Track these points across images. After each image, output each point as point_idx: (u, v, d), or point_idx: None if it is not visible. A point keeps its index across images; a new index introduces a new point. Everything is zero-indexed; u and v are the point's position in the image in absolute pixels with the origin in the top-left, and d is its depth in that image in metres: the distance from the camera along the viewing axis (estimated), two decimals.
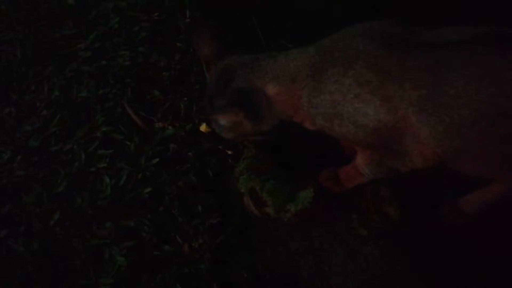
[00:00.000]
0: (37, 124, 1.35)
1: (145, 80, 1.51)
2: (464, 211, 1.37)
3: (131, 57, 1.52)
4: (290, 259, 1.30)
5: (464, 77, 1.01)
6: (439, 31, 1.09)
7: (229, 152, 1.46)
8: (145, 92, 1.49)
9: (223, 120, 1.21)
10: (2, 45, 1.51)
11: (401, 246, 1.33)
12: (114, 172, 1.29)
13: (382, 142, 1.13)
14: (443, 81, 1.02)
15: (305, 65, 1.13)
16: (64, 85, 1.44)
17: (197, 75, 1.56)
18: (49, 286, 1.12)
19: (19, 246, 1.15)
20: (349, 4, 1.77)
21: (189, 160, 1.39)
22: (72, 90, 1.43)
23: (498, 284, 1.29)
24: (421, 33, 1.10)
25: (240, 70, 1.17)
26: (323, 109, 1.12)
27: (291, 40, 1.73)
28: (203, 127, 1.47)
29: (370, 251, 1.32)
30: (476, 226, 1.36)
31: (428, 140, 1.07)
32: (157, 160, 1.33)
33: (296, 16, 1.77)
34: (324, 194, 1.35)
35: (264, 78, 1.15)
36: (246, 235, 1.33)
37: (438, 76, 1.02)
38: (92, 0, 1.63)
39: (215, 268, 1.23)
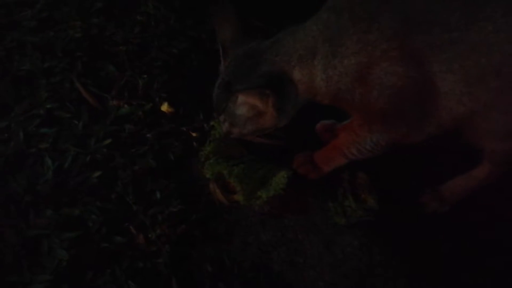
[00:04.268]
0: None
1: (98, 54, 1.38)
2: (445, 198, 1.30)
3: (83, 29, 1.39)
4: (261, 251, 1.20)
5: (503, 7, 0.93)
6: None
7: (194, 135, 1.33)
8: (98, 67, 1.36)
9: (244, 108, 1.07)
10: None
11: (381, 236, 1.26)
12: (58, 153, 1.15)
13: (402, 106, 1.03)
14: (479, 17, 0.94)
15: (320, 32, 1.01)
16: (3, 57, 1.28)
17: (159, 51, 1.43)
18: None
19: None
20: None
21: (147, 142, 1.26)
22: (13, 62, 1.27)
23: (481, 273, 1.22)
24: None
25: (268, 54, 1.04)
26: (346, 78, 1.01)
27: (264, 18, 1.64)
28: (164, 107, 1.34)
29: (348, 242, 1.24)
30: (458, 213, 1.30)
31: (460, 89, 0.98)
32: (109, 141, 1.20)
33: None
34: (298, 180, 1.26)
35: (290, 61, 1.03)
36: (211, 225, 1.21)
37: (472, 14, 0.94)
38: None
39: (175, 262, 1.10)
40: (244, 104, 1.06)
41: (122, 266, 1.05)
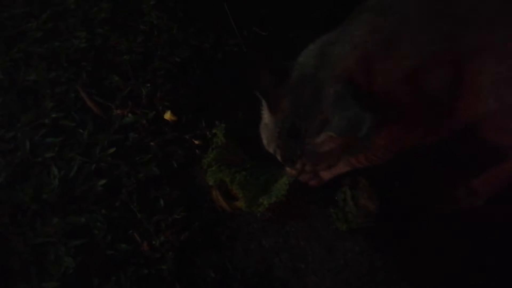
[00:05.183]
0: None
1: (103, 63, 1.40)
2: (478, 192, 1.30)
3: (87, 39, 1.40)
4: (264, 257, 1.21)
5: None
6: None
7: (197, 142, 1.35)
8: (103, 76, 1.37)
9: (329, 141, 0.97)
10: None
11: (382, 241, 1.27)
12: (64, 162, 1.16)
13: (430, 111, 1.01)
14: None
15: (369, 35, 0.96)
16: (10, 67, 1.30)
17: (162, 60, 1.45)
18: None
19: None
20: None
21: (151, 150, 1.28)
22: (19, 73, 1.29)
23: (483, 275, 1.23)
24: None
25: (319, 72, 0.95)
26: (401, 83, 0.96)
27: (264, 27, 1.66)
28: (167, 115, 1.36)
29: (349, 247, 1.25)
30: (459, 216, 1.30)
31: (488, 89, 0.98)
32: (113, 149, 1.22)
33: (269, 2, 1.70)
34: (299, 186, 1.27)
35: (348, 69, 0.95)
36: (214, 232, 1.22)
37: (507, 16, 0.95)
38: None
39: (179, 268, 1.12)
40: (329, 139, 0.97)
41: (127, 273, 1.06)
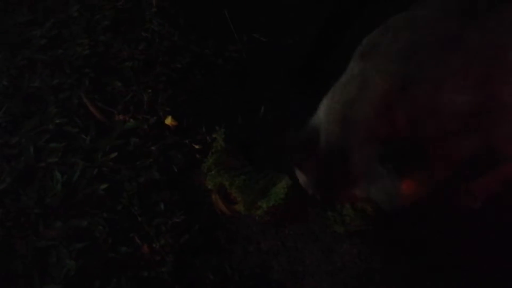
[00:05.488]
0: None
1: (105, 70, 1.43)
2: (477, 195, 1.31)
3: (90, 46, 1.44)
4: (262, 260, 1.22)
5: None
6: None
7: (197, 147, 1.37)
8: (105, 82, 1.40)
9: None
10: None
11: (379, 244, 1.28)
12: (67, 167, 1.19)
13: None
14: None
15: (385, 87, 0.93)
16: (14, 74, 1.33)
17: (163, 66, 1.47)
18: None
19: None
20: None
21: (152, 155, 1.30)
22: (23, 80, 1.32)
23: (481, 276, 1.23)
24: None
25: (344, 138, 0.95)
26: (421, 124, 0.93)
27: (264, 33, 1.68)
28: (168, 120, 1.38)
29: (346, 250, 1.26)
30: (455, 218, 1.30)
31: None
32: (115, 154, 1.24)
33: (270, 9, 1.72)
34: (298, 190, 1.26)
35: (369, 125, 0.93)
36: (213, 235, 1.24)
37: None
38: None
39: (178, 270, 1.14)
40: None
41: (128, 275, 1.08)
